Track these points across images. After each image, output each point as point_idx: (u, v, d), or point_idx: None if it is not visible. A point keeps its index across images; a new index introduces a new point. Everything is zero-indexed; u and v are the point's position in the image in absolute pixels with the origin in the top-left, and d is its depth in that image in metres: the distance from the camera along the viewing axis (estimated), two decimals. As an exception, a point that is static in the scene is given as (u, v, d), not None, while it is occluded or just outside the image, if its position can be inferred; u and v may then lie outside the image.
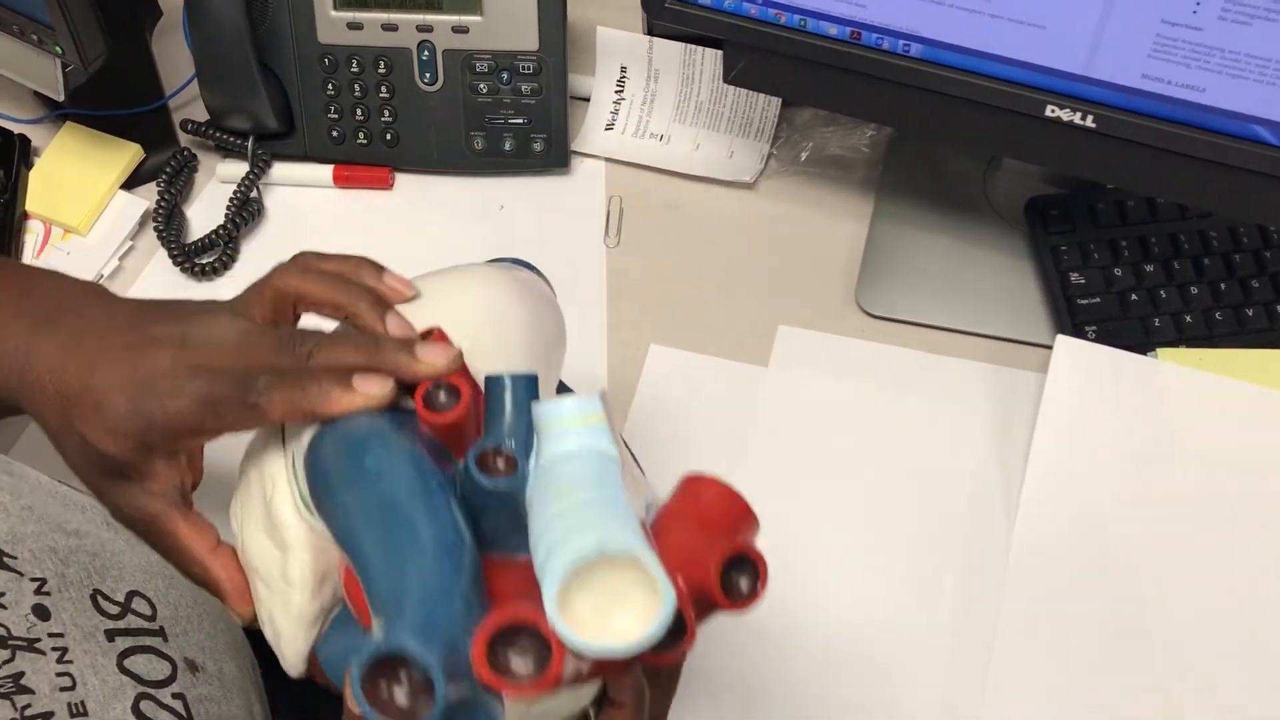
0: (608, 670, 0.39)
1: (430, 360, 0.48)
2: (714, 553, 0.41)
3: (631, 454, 0.58)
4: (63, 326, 0.52)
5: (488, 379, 0.47)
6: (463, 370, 0.50)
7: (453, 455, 0.47)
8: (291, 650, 0.52)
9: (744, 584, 0.42)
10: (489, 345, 0.51)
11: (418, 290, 0.53)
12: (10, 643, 0.50)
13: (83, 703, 0.51)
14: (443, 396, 0.47)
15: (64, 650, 0.52)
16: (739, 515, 0.45)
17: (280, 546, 0.50)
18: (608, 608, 0.37)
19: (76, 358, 0.51)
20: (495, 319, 0.53)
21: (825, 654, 0.67)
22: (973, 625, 0.67)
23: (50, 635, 0.52)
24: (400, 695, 0.37)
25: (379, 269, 0.55)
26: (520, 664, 0.37)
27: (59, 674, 0.51)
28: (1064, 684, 0.65)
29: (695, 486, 0.45)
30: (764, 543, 0.65)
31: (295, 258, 0.54)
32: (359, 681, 0.36)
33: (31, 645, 0.51)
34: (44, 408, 0.52)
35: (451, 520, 0.43)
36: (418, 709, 0.37)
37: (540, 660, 0.37)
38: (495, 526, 0.44)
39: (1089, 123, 0.68)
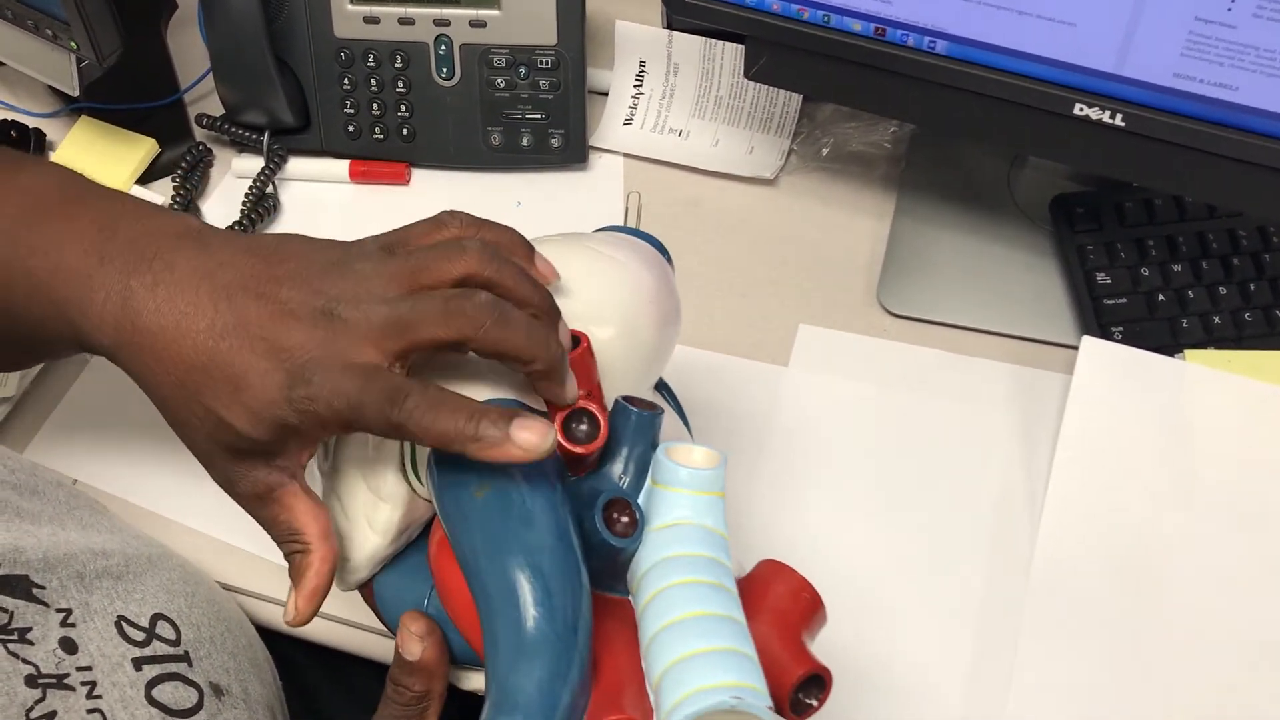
0: None
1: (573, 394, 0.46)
2: (791, 671, 0.42)
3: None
4: (165, 281, 0.46)
5: (618, 406, 0.47)
6: (597, 382, 0.49)
7: (567, 470, 0.47)
8: (353, 579, 0.51)
9: (813, 700, 0.43)
10: (617, 339, 0.50)
11: (558, 275, 0.50)
12: (40, 681, 0.49)
13: None
14: (585, 427, 0.46)
15: (93, 685, 0.51)
16: (810, 613, 0.46)
17: (375, 493, 0.49)
18: None
19: (197, 322, 0.45)
20: (629, 318, 0.50)
21: (845, 656, 0.66)
22: (996, 628, 0.67)
23: (79, 669, 0.51)
24: None
25: (529, 250, 0.50)
26: None
27: (89, 710, 0.50)
28: (1088, 688, 0.64)
29: (774, 576, 0.46)
30: (782, 542, 0.64)
31: (462, 227, 0.49)
32: None
33: (61, 682, 0.50)
34: (156, 372, 0.46)
35: (579, 588, 0.42)
36: None
37: None
38: (604, 570, 0.44)
39: (1119, 121, 0.67)
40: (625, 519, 0.44)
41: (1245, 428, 0.72)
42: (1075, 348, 0.75)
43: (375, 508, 0.49)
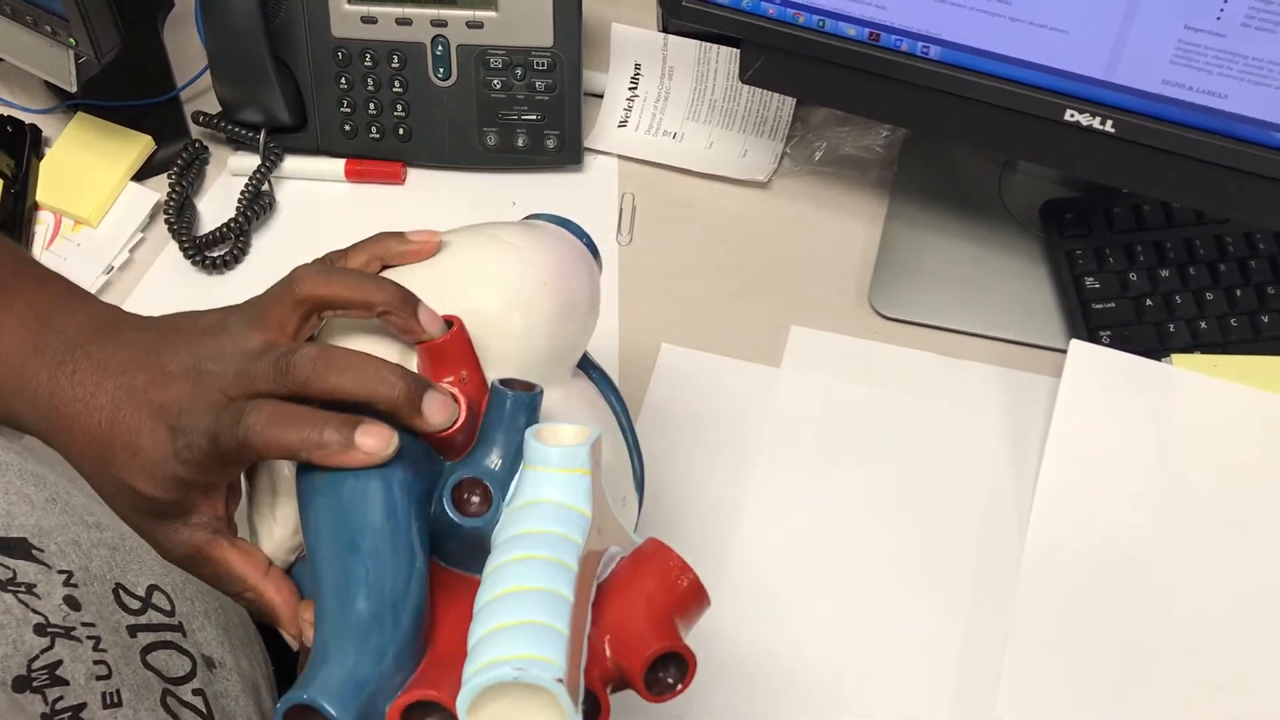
0: None
1: (434, 417, 0.47)
2: (647, 646, 0.42)
3: (638, 456, 0.58)
4: (83, 368, 0.51)
5: (493, 388, 0.48)
6: (474, 364, 0.50)
7: (438, 457, 0.48)
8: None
9: (670, 679, 0.43)
10: (515, 320, 0.51)
11: (446, 241, 0.53)
12: (49, 630, 0.50)
13: (118, 692, 0.51)
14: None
15: (98, 639, 0.52)
16: (687, 595, 0.45)
17: (273, 486, 0.51)
18: (520, 713, 0.38)
19: (100, 400, 0.50)
20: (526, 300, 0.52)
21: (836, 657, 0.67)
22: (985, 629, 0.67)
23: (84, 625, 0.52)
24: None
25: (399, 234, 0.54)
26: None
27: (96, 661, 0.51)
28: (1076, 688, 0.65)
29: (653, 555, 0.46)
30: (772, 543, 0.65)
31: (316, 261, 0.53)
32: (280, 717, 0.39)
33: (69, 633, 0.51)
34: (76, 453, 0.51)
35: (408, 559, 0.44)
36: None
37: None
38: (460, 550, 0.46)
39: (1108, 128, 0.68)
40: (477, 498, 0.45)
41: (1231, 431, 0.72)
42: (1063, 351, 0.75)
43: (275, 500, 0.51)
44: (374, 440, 0.45)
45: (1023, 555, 0.69)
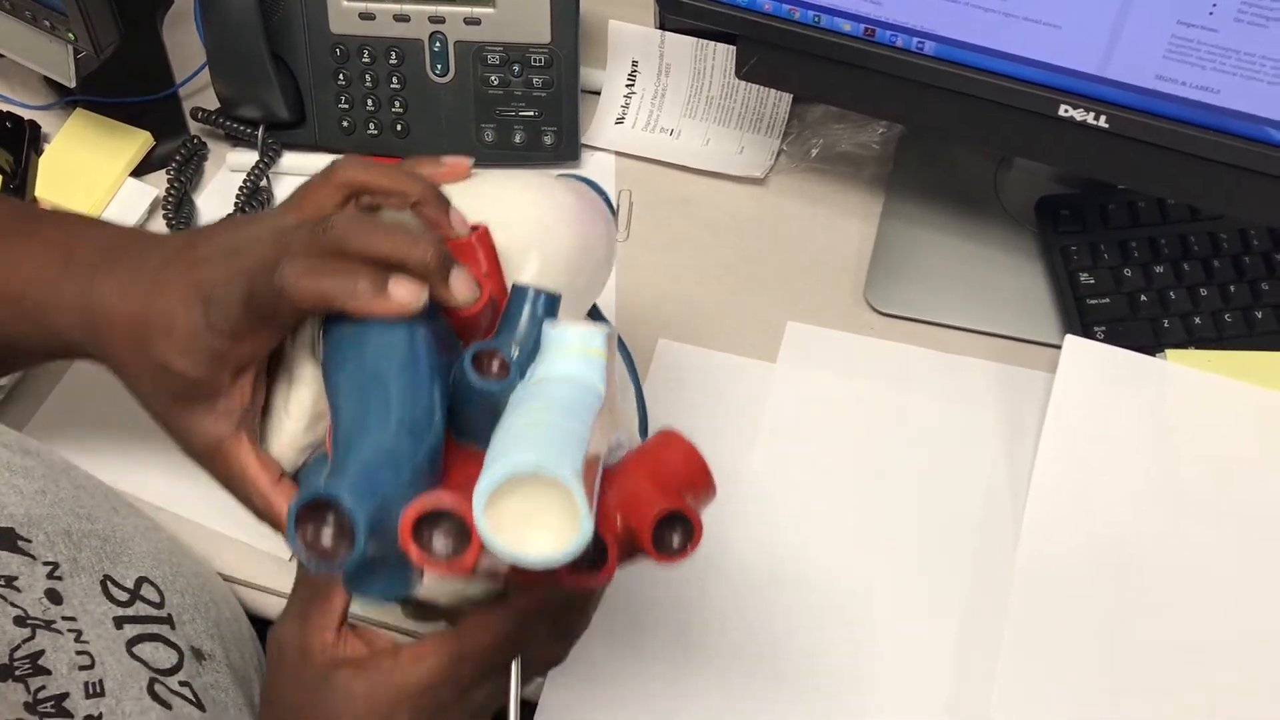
0: (520, 576, 0.42)
1: (459, 291, 0.48)
2: (654, 505, 0.43)
3: (642, 408, 0.59)
4: (121, 265, 0.52)
5: (515, 286, 0.49)
6: (496, 268, 0.52)
7: (459, 345, 0.49)
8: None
9: (675, 540, 0.43)
10: (533, 255, 0.53)
11: (476, 173, 0.55)
12: (29, 622, 0.50)
13: (100, 682, 0.51)
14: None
15: (79, 633, 0.52)
16: (695, 477, 0.47)
17: (289, 378, 0.52)
18: (532, 521, 0.39)
19: (140, 287, 0.51)
20: (545, 232, 0.53)
21: (830, 652, 0.67)
22: (980, 624, 0.67)
23: (64, 619, 0.52)
24: (325, 537, 0.40)
25: (433, 157, 0.56)
26: (441, 545, 0.40)
27: (78, 652, 0.51)
28: (1071, 685, 0.65)
29: (664, 441, 0.48)
30: (769, 538, 0.65)
31: (347, 156, 0.55)
32: (293, 514, 0.40)
33: (49, 626, 0.51)
34: (114, 343, 0.52)
35: (428, 402, 0.46)
36: (336, 552, 0.40)
37: (458, 547, 0.40)
38: (476, 420, 0.46)
39: (1102, 123, 0.68)
40: (496, 364, 0.47)
41: (1225, 427, 0.73)
42: (1058, 347, 0.76)
43: (290, 391, 0.52)
44: (405, 291, 0.46)
45: (1017, 551, 0.69)
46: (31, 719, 0.47)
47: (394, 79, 0.86)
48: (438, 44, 0.85)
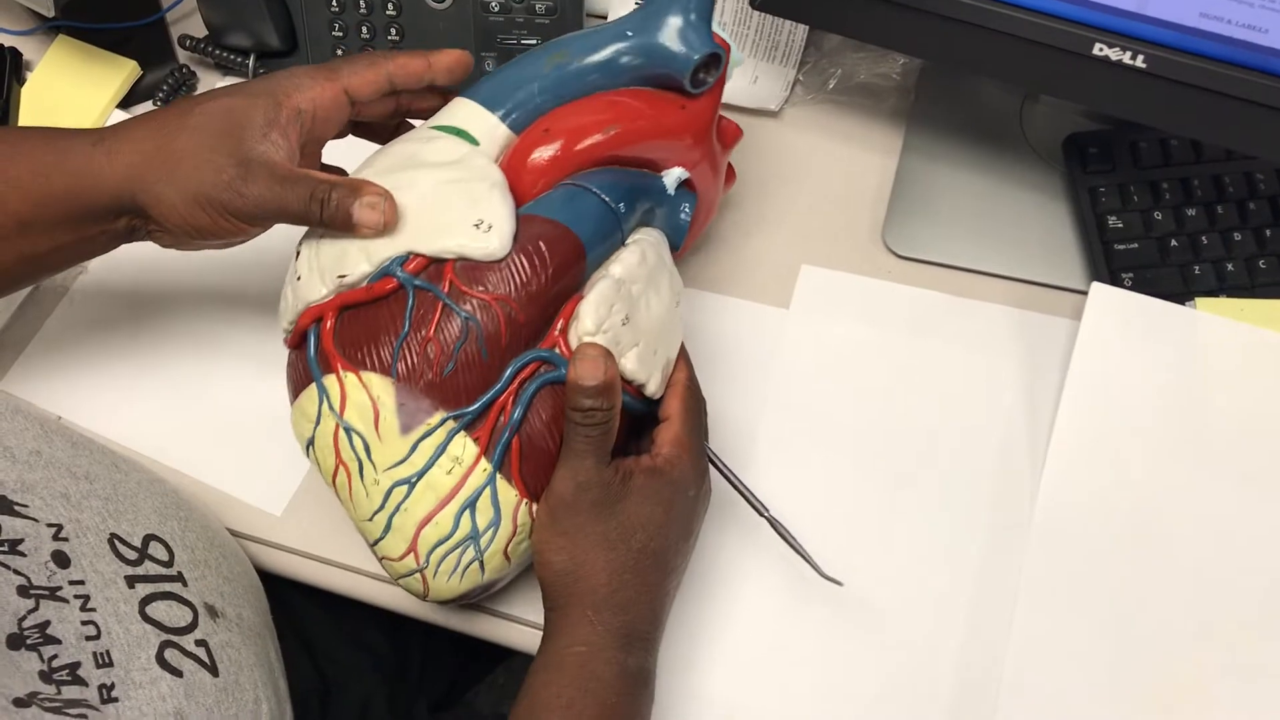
0: None
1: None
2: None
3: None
4: (155, 111, 0.60)
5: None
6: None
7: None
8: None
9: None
10: None
11: None
12: (33, 592, 0.50)
13: (108, 652, 0.50)
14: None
15: (86, 598, 0.51)
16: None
17: (457, 165, 0.59)
18: None
19: (194, 116, 0.58)
20: None
21: (845, 604, 0.66)
22: (996, 578, 0.66)
23: (71, 583, 0.52)
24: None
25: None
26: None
27: (84, 622, 0.50)
28: (1089, 641, 0.64)
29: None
30: (782, 488, 0.63)
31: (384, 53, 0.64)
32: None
33: (54, 594, 0.50)
34: (172, 165, 0.57)
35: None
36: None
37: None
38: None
39: (1139, 63, 0.64)
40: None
41: (1257, 379, 0.70)
42: (1084, 293, 0.73)
43: (470, 161, 0.60)
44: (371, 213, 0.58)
45: (1036, 505, 0.67)
46: (49, 688, 0.47)
47: (390, 6, 0.82)
48: (436, -32, 0.81)
